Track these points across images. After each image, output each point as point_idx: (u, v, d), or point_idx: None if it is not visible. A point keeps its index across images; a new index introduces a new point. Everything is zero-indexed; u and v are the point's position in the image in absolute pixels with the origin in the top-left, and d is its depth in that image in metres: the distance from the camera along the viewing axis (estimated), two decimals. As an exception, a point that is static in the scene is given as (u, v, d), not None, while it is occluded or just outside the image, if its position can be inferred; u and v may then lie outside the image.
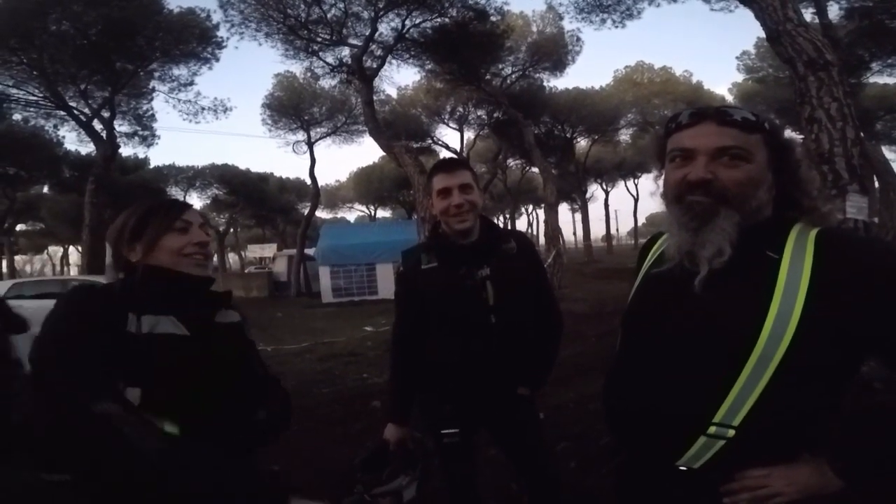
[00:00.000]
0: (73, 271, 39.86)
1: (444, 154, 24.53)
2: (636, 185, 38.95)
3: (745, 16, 5.26)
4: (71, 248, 40.59)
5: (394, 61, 12.83)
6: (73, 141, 30.05)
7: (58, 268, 45.58)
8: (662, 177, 1.01)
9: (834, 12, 11.98)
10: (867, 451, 0.87)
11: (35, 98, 13.27)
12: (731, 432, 0.85)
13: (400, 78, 76.96)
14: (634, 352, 1.03)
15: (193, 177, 27.53)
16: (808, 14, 9.66)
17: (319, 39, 11.62)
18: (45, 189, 24.24)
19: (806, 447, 0.88)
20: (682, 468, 0.91)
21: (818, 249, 0.85)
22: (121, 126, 15.55)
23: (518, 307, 1.65)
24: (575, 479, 2.57)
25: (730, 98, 25.81)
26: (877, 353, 0.86)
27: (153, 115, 16.28)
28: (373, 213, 36.39)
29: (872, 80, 17.78)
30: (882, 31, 13.12)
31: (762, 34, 5.11)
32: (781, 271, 0.85)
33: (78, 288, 1.08)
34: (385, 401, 4.05)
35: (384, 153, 11.71)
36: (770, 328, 0.82)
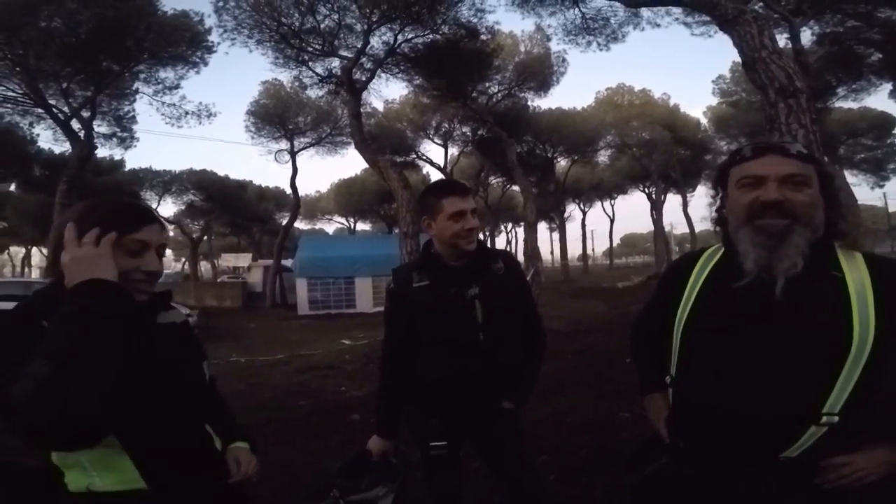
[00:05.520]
0: (35, 273, 38.27)
1: (428, 169, 24.74)
2: (612, 206, 39.79)
3: (723, 41, 5.52)
4: (34, 250, 39.02)
5: (383, 75, 12.87)
6: (48, 139, 29.32)
7: (18, 269, 43.67)
8: (718, 203, 1.20)
9: (806, 37, 12.36)
10: None
11: (14, 94, 12.89)
12: (836, 418, 1.00)
13: (387, 92, 77.26)
14: (721, 358, 1.10)
15: (170, 181, 26.93)
16: (783, 39, 10.03)
17: (311, 49, 11.60)
18: (13, 187, 23.39)
19: (872, 424, 1.04)
20: (782, 457, 1.04)
21: (871, 270, 1.04)
22: (99, 127, 15.20)
23: (505, 325, 1.71)
24: (555, 491, 2.61)
25: (704, 121, 26.80)
26: None
27: (134, 117, 15.96)
28: (352, 225, 36.21)
29: (838, 104, 18.48)
30: (850, 57, 13.69)
31: (738, 59, 5.33)
32: (850, 287, 1.02)
33: None
34: (368, 413, 4.03)
35: (367, 166, 11.73)
36: (858, 333, 0.99)
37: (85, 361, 0.86)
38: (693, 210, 30.07)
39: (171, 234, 37.08)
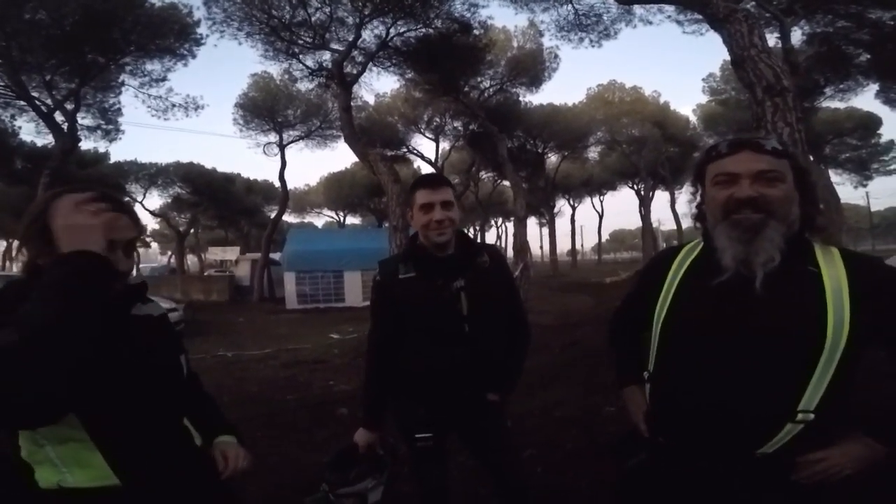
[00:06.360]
0: (17, 267, 37.53)
1: (419, 163, 24.65)
2: (601, 202, 40.10)
3: (714, 39, 5.54)
4: (16, 243, 38.24)
5: (374, 68, 12.78)
6: (31, 132, 28.97)
7: (-1, 262, 42.77)
8: (698, 199, 1.20)
9: (797, 37, 12.45)
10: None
11: (-6, 88, 12.63)
12: (812, 416, 1.01)
13: (379, 85, 77.05)
14: (699, 354, 1.10)
15: (155, 174, 26.49)
16: (773, 38, 10.09)
17: (301, 42, 11.47)
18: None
19: (846, 420, 1.06)
20: (759, 454, 1.05)
21: (847, 266, 1.04)
22: (83, 119, 14.93)
23: (490, 317, 1.73)
24: (541, 483, 2.64)
25: (693, 119, 26.99)
26: (886, 344, 1.05)
27: (119, 110, 15.69)
28: (342, 219, 35.99)
29: (825, 104, 18.60)
30: (838, 57, 13.81)
31: (728, 57, 5.36)
32: (826, 284, 1.02)
33: None
34: (356, 407, 4.03)
35: (357, 159, 11.66)
36: (832, 331, 0.99)
37: (54, 334, 0.81)
38: (680, 207, 30.38)
39: (157, 226, 36.48)
